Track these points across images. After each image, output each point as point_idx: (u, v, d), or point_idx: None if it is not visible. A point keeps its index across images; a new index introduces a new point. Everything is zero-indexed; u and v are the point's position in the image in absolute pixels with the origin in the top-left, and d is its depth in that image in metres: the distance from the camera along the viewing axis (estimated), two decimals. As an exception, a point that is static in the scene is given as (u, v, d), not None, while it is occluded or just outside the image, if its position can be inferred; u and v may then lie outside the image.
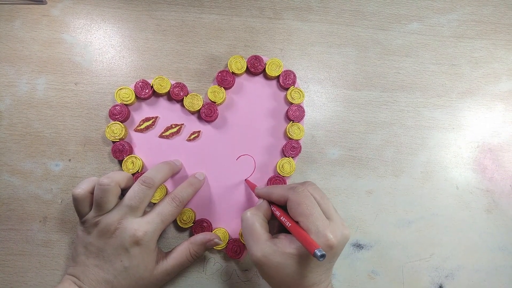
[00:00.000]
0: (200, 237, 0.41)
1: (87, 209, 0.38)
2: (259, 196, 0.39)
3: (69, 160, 0.44)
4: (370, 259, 0.45)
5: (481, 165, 0.47)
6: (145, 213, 0.39)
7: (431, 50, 0.48)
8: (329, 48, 0.48)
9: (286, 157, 0.44)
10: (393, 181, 0.46)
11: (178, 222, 0.43)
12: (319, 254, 0.29)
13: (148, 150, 0.44)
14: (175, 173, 0.43)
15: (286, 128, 0.45)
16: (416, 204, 0.46)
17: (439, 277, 0.45)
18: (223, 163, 0.45)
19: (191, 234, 0.44)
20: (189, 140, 0.44)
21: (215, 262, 0.44)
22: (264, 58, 0.45)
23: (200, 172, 0.44)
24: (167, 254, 0.40)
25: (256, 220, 0.35)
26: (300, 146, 0.44)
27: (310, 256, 0.33)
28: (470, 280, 0.45)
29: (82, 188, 0.37)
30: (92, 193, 0.37)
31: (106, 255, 0.36)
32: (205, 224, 0.43)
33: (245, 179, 0.45)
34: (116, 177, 0.37)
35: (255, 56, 0.44)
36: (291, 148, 0.44)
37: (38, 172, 0.43)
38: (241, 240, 0.43)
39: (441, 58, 0.48)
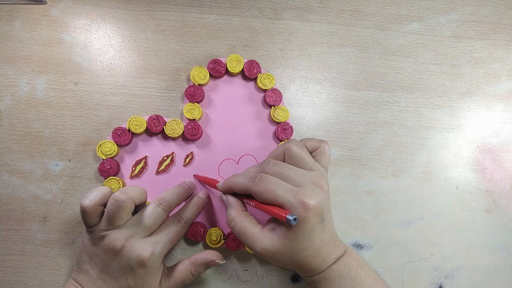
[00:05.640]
0: (201, 256, 0.40)
1: (95, 221, 0.37)
2: (223, 192, 0.39)
3: (69, 160, 0.44)
4: (370, 259, 0.45)
5: (481, 165, 0.47)
6: (152, 232, 0.38)
7: (431, 50, 0.48)
8: (329, 48, 0.48)
9: (281, 141, 0.44)
10: (393, 181, 0.46)
11: None
12: (291, 218, 0.31)
13: (151, 191, 0.42)
14: (189, 196, 0.43)
15: (270, 114, 0.45)
16: (416, 204, 0.46)
17: (439, 277, 0.45)
18: (226, 172, 0.44)
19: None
20: (185, 165, 0.44)
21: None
22: (223, 59, 0.45)
23: (203, 191, 0.43)
24: (169, 271, 0.40)
25: (242, 221, 0.36)
26: (291, 127, 0.44)
27: (298, 229, 0.33)
28: (469, 280, 0.45)
29: (90, 200, 0.36)
30: (101, 205, 0.37)
31: (111, 271, 0.36)
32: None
33: (194, 175, 0.44)
34: (132, 193, 0.36)
35: (213, 60, 0.44)
36: (282, 131, 0.44)
37: (38, 172, 0.43)
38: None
39: (441, 58, 0.48)
